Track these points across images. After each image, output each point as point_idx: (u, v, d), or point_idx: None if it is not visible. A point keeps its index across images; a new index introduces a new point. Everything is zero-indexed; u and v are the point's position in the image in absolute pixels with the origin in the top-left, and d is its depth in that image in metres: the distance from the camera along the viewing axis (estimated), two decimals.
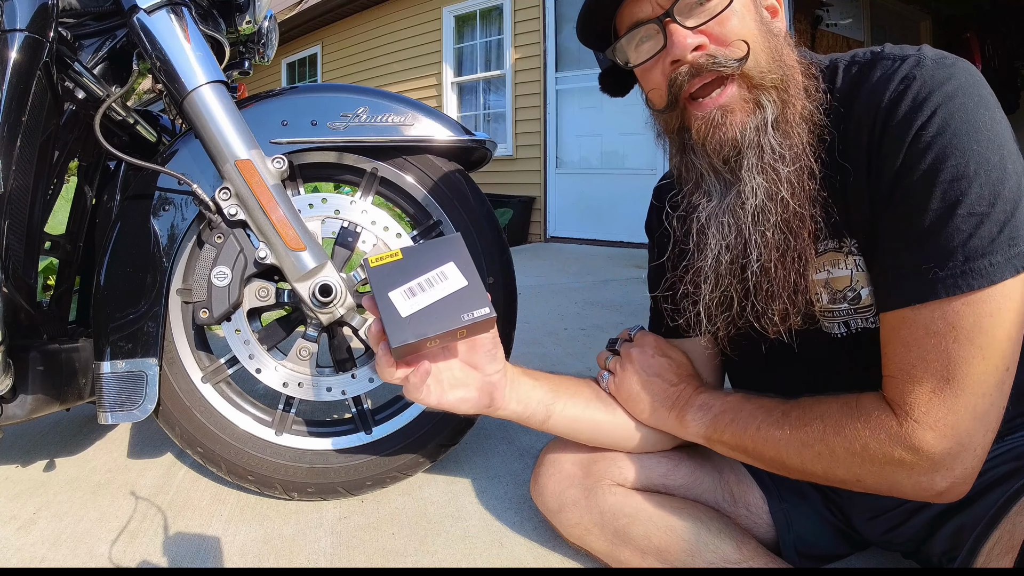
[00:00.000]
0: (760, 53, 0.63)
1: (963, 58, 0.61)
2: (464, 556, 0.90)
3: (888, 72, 0.61)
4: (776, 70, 0.64)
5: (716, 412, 0.74)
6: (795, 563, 0.81)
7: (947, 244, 0.55)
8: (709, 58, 0.63)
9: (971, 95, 0.57)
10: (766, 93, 0.63)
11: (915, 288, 0.57)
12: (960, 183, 0.55)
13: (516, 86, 5.27)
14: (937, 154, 0.56)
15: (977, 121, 0.56)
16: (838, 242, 0.68)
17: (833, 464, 0.63)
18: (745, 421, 0.71)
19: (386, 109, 1.00)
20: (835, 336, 0.71)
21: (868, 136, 0.61)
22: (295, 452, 1.02)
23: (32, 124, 0.87)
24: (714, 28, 0.63)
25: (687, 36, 0.63)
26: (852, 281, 0.67)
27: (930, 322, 0.56)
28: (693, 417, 0.76)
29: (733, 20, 0.63)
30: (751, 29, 0.64)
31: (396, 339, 0.63)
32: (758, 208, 0.65)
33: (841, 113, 0.65)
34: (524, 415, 0.78)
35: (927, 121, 0.56)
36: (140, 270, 0.96)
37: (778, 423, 0.67)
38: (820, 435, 0.63)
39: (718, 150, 0.65)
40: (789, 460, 0.66)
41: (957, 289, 0.54)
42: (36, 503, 1.05)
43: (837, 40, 5.13)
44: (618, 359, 0.85)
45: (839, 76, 0.67)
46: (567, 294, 2.85)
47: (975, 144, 0.55)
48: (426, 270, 0.66)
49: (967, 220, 0.54)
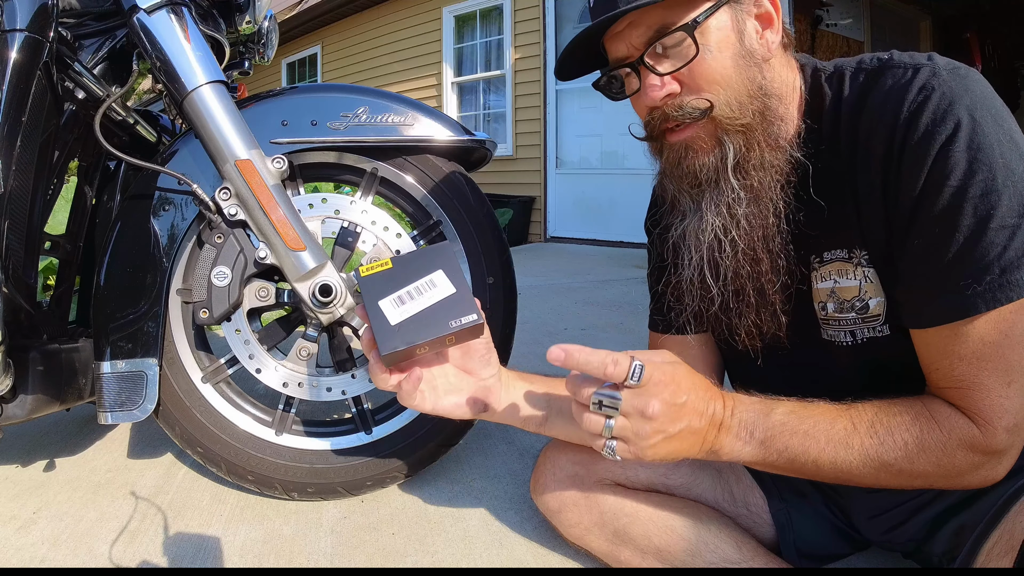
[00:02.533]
0: (731, 96, 0.64)
1: (963, 61, 0.61)
2: (464, 556, 0.90)
3: (902, 82, 0.60)
4: (745, 112, 0.64)
5: (761, 439, 0.64)
6: (795, 563, 0.81)
7: (983, 258, 0.56)
8: (676, 109, 0.65)
9: (989, 107, 0.57)
10: (730, 136, 0.65)
11: (956, 304, 0.58)
12: (990, 197, 0.55)
13: (516, 86, 5.27)
14: (965, 170, 0.56)
15: (999, 133, 0.56)
16: (847, 252, 0.67)
17: (911, 479, 0.62)
18: (803, 448, 0.62)
19: (386, 109, 1.00)
20: (840, 345, 0.71)
21: (885, 147, 0.61)
22: (295, 452, 1.02)
23: (32, 124, 0.87)
24: (684, 75, 0.64)
25: (656, 88, 0.65)
26: (860, 291, 0.67)
27: (984, 333, 0.57)
28: (731, 448, 0.64)
29: (706, 62, 0.63)
30: (724, 69, 0.63)
31: (385, 347, 0.64)
32: (713, 241, 0.67)
33: (849, 121, 0.64)
34: (520, 419, 0.78)
35: (951, 136, 0.56)
36: (140, 270, 0.96)
37: (845, 444, 0.62)
38: (901, 454, 0.60)
39: (681, 180, 0.69)
40: (861, 481, 0.63)
41: (996, 303, 0.56)
42: (36, 503, 1.05)
43: (837, 40, 5.13)
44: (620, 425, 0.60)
45: (846, 84, 0.66)
46: (567, 294, 2.85)
47: (1000, 157, 0.55)
48: (415, 278, 0.67)
49: (1000, 233, 0.55)
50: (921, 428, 0.61)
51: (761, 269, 0.68)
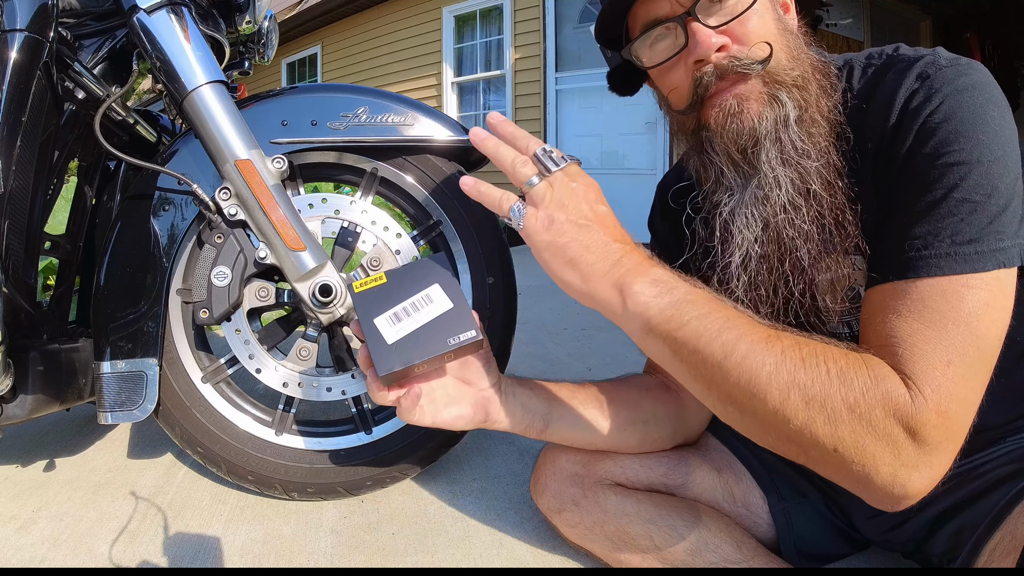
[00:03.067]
0: (781, 52, 0.63)
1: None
2: (464, 556, 0.90)
3: (902, 73, 0.61)
4: (797, 68, 0.63)
5: (679, 297, 0.58)
6: (795, 563, 0.81)
7: (937, 225, 0.55)
8: (732, 60, 0.62)
9: (982, 91, 0.57)
10: (787, 90, 0.62)
11: (900, 263, 0.56)
12: (961, 168, 0.55)
13: (516, 86, 5.27)
14: (942, 138, 0.56)
15: (985, 115, 0.56)
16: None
17: (819, 418, 0.52)
18: (716, 329, 0.56)
19: (386, 109, 1.00)
20: (841, 337, 0.70)
21: (880, 133, 0.61)
22: (295, 452, 1.02)
23: (32, 124, 0.87)
24: (735, 28, 0.62)
25: (710, 36, 0.62)
26: (851, 280, 0.67)
27: (927, 297, 0.54)
28: (642, 291, 0.59)
29: (754, 20, 0.62)
30: (771, 28, 0.64)
31: (383, 367, 0.62)
32: (786, 200, 0.62)
33: (858, 114, 0.65)
34: (521, 427, 0.78)
35: (936, 108, 0.57)
36: (140, 270, 0.96)
37: (766, 343, 0.54)
38: (821, 378, 0.52)
39: (735, 139, 0.63)
40: (764, 394, 0.53)
41: (939, 271, 0.53)
42: (36, 503, 1.05)
43: (837, 40, 5.13)
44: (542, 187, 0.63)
45: (855, 77, 0.66)
46: (567, 294, 2.85)
47: (981, 135, 0.55)
48: (410, 293, 0.65)
49: (961, 205, 0.54)
50: (848, 363, 0.53)
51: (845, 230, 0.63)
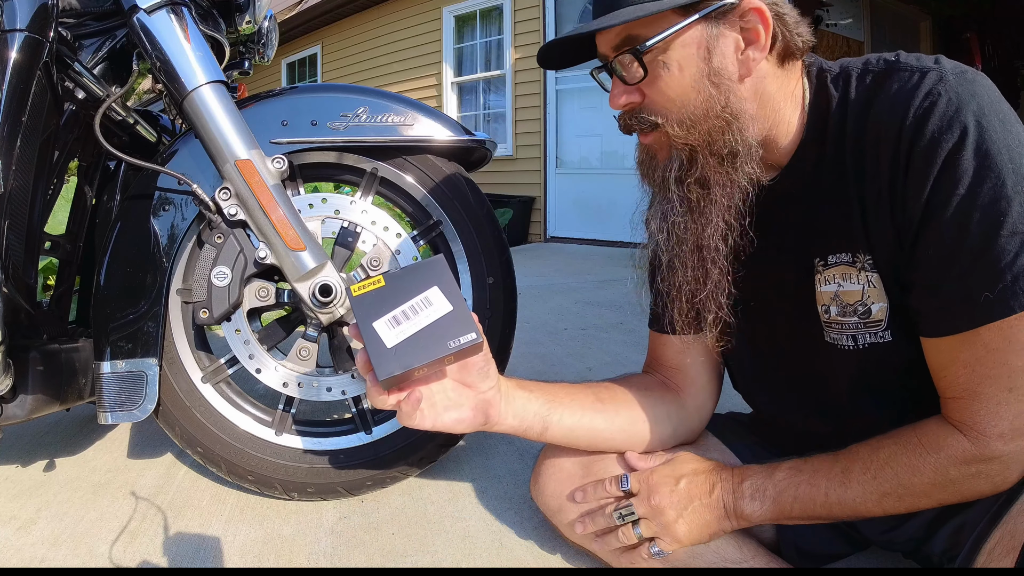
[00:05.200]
0: (684, 115, 0.65)
1: (963, 61, 0.61)
2: (464, 556, 0.90)
3: (908, 86, 0.60)
4: (695, 131, 0.65)
5: (773, 496, 0.71)
6: (795, 563, 0.81)
7: (995, 266, 0.56)
8: (632, 117, 0.70)
9: (996, 112, 0.57)
10: (678, 151, 0.68)
11: (969, 314, 0.58)
12: (999, 204, 0.55)
13: (516, 86, 5.27)
14: (973, 176, 0.56)
15: (1007, 139, 0.56)
16: (851, 256, 0.67)
17: (916, 500, 0.64)
18: (810, 494, 0.68)
19: (386, 109, 1.00)
20: (842, 348, 0.71)
21: (891, 153, 0.60)
22: (295, 452, 1.02)
23: (32, 124, 0.87)
24: (645, 87, 0.67)
25: (619, 97, 0.69)
26: (863, 296, 0.67)
27: (989, 341, 0.58)
28: (751, 510, 0.72)
29: (659, 83, 0.66)
30: (682, 88, 0.65)
31: (383, 371, 0.62)
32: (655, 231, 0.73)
33: (855, 124, 0.64)
34: (521, 429, 0.78)
35: (959, 142, 0.56)
36: (140, 270, 0.96)
37: (843, 483, 0.66)
38: (896, 482, 0.63)
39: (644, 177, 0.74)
40: (871, 512, 0.66)
41: (1010, 311, 0.56)
42: (36, 503, 1.05)
43: (837, 40, 5.13)
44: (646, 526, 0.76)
45: (852, 85, 0.66)
46: (567, 294, 2.85)
47: (1009, 163, 0.55)
48: (409, 296, 0.64)
49: (1011, 240, 0.55)
50: (909, 454, 0.63)
51: (687, 277, 0.71)
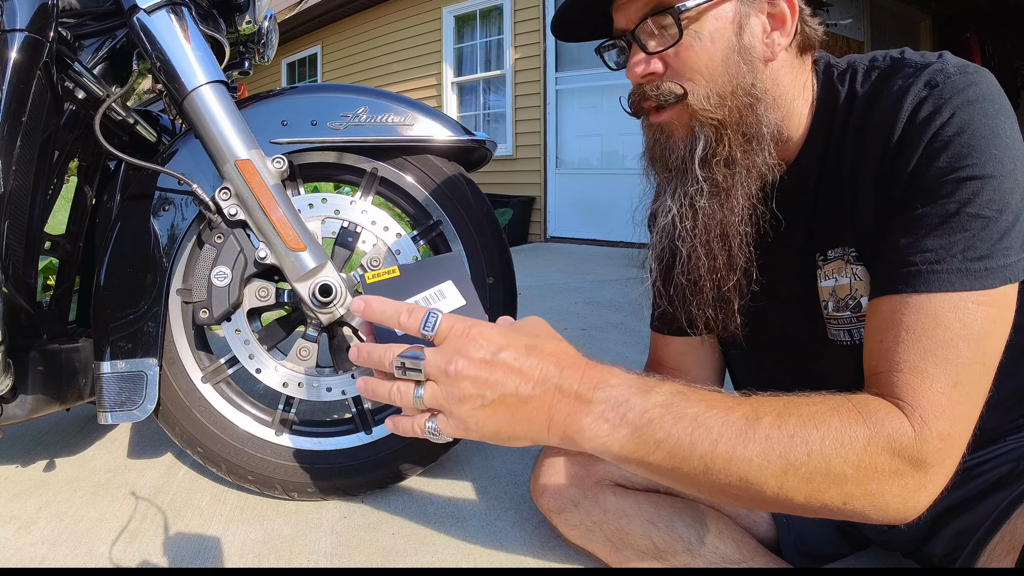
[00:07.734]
0: (711, 89, 0.63)
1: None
2: (464, 556, 0.90)
3: (909, 79, 0.60)
4: (722, 107, 0.63)
5: (634, 420, 0.52)
6: (795, 563, 0.81)
7: (949, 239, 0.55)
8: (653, 89, 0.65)
9: (992, 102, 0.57)
10: (702, 128, 0.64)
11: (911, 277, 0.56)
12: (973, 183, 0.55)
13: (516, 86, 5.27)
14: (955, 152, 0.55)
15: (997, 127, 0.56)
16: (843, 250, 0.68)
17: (822, 488, 0.50)
18: (690, 438, 0.51)
19: (386, 109, 1.00)
20: (841, 344, 0.71)
21: (885, 138, 0.61)
22: (295, 452, 1.02)
23: (32, 124, 0.87)
24: (670, 57, 0.64)
25: (639, 65, 0.65)
26: (851, 289, 0.67)
27: (940, 314, 0.53)
28: (593, 433, 0.52)
29: (689, 53, 0.63)
30: (712, 61, 0.63)
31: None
32: (669, 227, 0.68)
33: (859, 119, 0.64)
34: None
35: (947, 121, 0.56)
36: (140, 270, 0.96)
37: (743, 434, 0.51)
38: (812, 450, 0.50)
39: (654, 161, 0.70)
40: (761, 488, 0.51)
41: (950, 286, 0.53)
42: (36, 503, 1.05)
43: (837, 40, 5.13)
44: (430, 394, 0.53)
45: (858, 81, 0.66)
46: (567, 294, 2.85)
47: (993, 148, 0.55)
48: (423, 288, 0.64)
49: (974, 220, 0.54)
50: (842, 419, 0.51)
51: (716, 264, 0.68)
